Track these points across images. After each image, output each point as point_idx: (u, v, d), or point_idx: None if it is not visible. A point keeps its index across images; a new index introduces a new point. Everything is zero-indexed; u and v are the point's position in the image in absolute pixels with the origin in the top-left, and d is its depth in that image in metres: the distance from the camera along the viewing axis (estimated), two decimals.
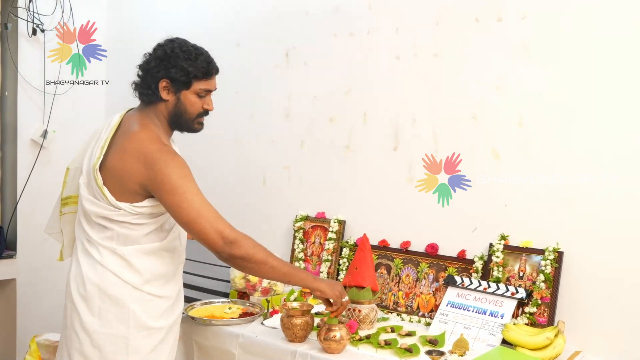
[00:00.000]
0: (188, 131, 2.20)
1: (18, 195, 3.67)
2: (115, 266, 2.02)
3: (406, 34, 2.78)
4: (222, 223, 1.99)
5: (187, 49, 2.07)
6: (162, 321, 2.10)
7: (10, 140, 3.73)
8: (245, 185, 3.38)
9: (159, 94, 2.07)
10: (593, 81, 2.32)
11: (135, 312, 2.03)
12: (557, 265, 2.35)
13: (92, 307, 2.02)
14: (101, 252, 2.03)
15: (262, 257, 2.03)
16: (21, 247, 3.69)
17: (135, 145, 2.01)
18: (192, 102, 2.11)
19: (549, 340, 2.17)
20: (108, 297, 2.02)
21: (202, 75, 2.09)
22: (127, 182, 2.00)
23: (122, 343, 2.01)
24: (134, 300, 2.03)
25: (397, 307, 2.70)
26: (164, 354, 2.12)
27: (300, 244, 3.07)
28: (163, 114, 2.11)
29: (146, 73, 2.08)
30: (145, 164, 1.97)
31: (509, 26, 2.49)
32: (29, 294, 3.72)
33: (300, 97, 3.16)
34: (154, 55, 2.08)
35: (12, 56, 3.64)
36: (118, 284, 2.02)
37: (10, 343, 3.75)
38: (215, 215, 1.99)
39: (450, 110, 2.65)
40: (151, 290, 2.06)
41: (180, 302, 2.22)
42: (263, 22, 3.30)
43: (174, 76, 2.04)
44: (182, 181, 1.96)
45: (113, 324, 2.01)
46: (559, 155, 2.39)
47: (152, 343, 2.07)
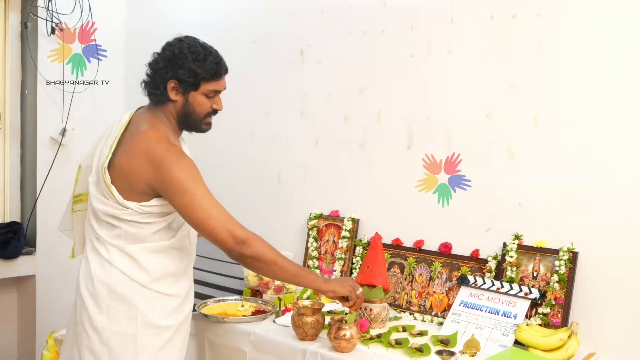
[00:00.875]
0: (196, 131, 2.19)
1: (37, 193, 3.72)
2: (123, 264, 2.03)
3: (420, 31, 2.76)
4: (232, 223, 1.99)
5: (196, 50, 2.05)
6: (171, 320, 2.10)
7: (30, 138, 3.78)
8: (261, 184, 3.38)
9: (167, 94, 2.06)
10: (610, 80, 2.28)
11: (144, 311, 2.03)
12: (572, 266, 2.32)
13: (100, 305, 2.02)
14: (109, 251, 2.04)
15: (271, 257, 2.03)
16: (40, 244, 3.74)
17: (143, 145, 2.00)
18: (201, 103, 2.10)
19: (562, 342, 2.14)
20: (116, 295, 2.02)
21: (211, 77, 2.08)
22: (135, 182, 2.00)
23: (130, 341, 2.01)
24: (142, 299, 2.03)
25: (410, 307, 2.68)
26: (174, 352, 2.12)
27: (314, 242, 3.07)
28: (172, 113, 2.11)
29: (155, 73, 2.08)
30: (152, 164, 1.97)
31: (524, 24, 2.46)
32: (48, 290, 3.77)
33: (314, 95, 3.15)
34: (162, 56, 2.07)
35: (32, 55, 3.69)
36: (126, 282, 2.02)
37: (30, 338, 3.81)
38: (225, 216, 1.99)
39: (464, 108, 2.63)
40: (160, 289, 2.06)
41: (190, 300, 2.21)
42: (279, 20, 3.31)
43: (182, 77, 2.04)
44: (190, 182, 1.96)
45: (121, 322, 2.01)
46: (575, 155, 2.36)
47: (161, 341, 2.06)
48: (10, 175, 3.79)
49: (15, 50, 3.75)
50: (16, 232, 3.65)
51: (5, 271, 3.64)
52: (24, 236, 3.72)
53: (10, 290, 3.86)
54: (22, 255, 3.68)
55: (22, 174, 3.84)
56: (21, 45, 3.76)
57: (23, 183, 3.84)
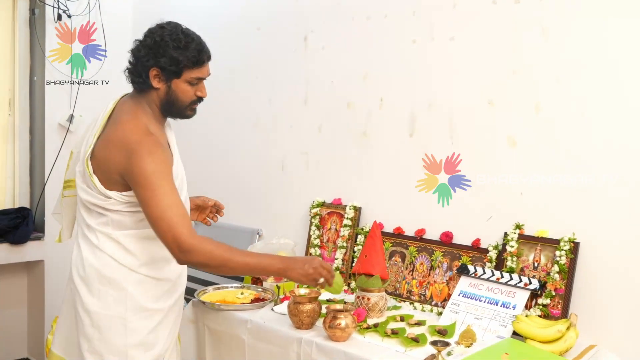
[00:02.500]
0: (180, 117, 2.16)
1: (45, 179, 3.75)
2: (112, 249, 2.04)
3: (423, 17, 2.71)
4: (181, 229, 1.91)
5: (177, 37, 2.01)
6: (161, 303, 2.10)
7: (38, 125, 3.81)
8: (264, 171, 3.38)
9: (150, 82, 2.03)
10: (614, 66, 2.22)
11: (133, 294, 2.03)
12: (573, 256, 2.28)
13: (91, 288, 2.04)
14: (98, 237, 2.05)
15: (219, 261, 1.96)
16: (49, 229, 3.78)
17: (119, 135, 2.00)
18: (184, 91, 2.07)
19: (560, 333, 2.11)
20: (106, 279, 2.03)
21: (193, 65, 2.04)
22: (111, 172, 2.00)
23: (120, 324, 2.02)
24: (130, 283, 2.04)
25: (411, 296, 2.66)
26: (163, 335, 2.12)
27: (317, 230, 3.05)
28: (155, 101, 2.08)
29: (137, 61, 2.04)
30: (125, 153, 1.96)
31: (527, 8, 2.41)
32: (56, 275, 3.80)
33: (318, 82, 3.13)
34: (143, 43, 2.04)
35: (40, 41, 3.71)
36: (115, 267, 2.03)
37: (39, 322, 3.86)
38: (177, 220, 1.91)
39: (466, 95, 2.59)
40: (148, 273, 2.07)
41: (180, 284, 2.20)
42: (282, 6, 3.28)
43: (164, 65, 2.00)
44: (155, 177, 1.92)
45: (111, 305, 2.02)
46: (578, 143, 2.31)
47: (151, 324, 2.07)
48: (20, 162, 3.83)
49: (23, 37, 3.78)
50: (25, 217, 3.70)
51: (15, 256, 3.70)
52: (33, 221, 3.77)
53: (20, 275, 3.91)
54: (30, 240, 3.73)
55: (31, 160, 3.87)
56: (29, 32, 3.78)
57: (32, 169, 3.88)
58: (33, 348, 3.92)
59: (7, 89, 3.77)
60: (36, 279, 3.87)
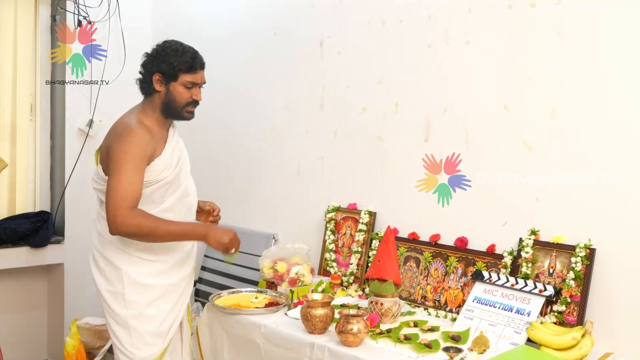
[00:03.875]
0: (179, 119, 2.45)
1: (65, 182, 3.79)
2: (111, 235, 2.30)
3: (438, 21, 2.71)
4: (121, 202, 2.18)
5: (175, 47, 2.37)
6: (158, 280, 2.38)
7: (59, 129, 3.86)
8: (280, 176, 3.39)
9: (153, 86, 2.38)
10: (631, 71, 2.19)
11: (128, 272, 2.34)
12: (589, 263, 2.25)
13: (100, 270, 2.39)
14: (101, 223, 2.36)
15: (146, 231, 2.21)
16: (68, 233, 3.82)
17: (115, 124, 2.38)
18: (180, 93, 2.38)
19: (575, 341, 2.08)
20: (108, 261, 2.37)
21: (187, 69, 2.36)
22: (104, 156, 2.31)
23: (121, 298, 2.35)
24: (125, 263, 2.35)
25: (425, 302, 2.65)
26: (164, 310, 2.39)
27: (332, 235, 3.05)
28: (157, 103, 2.41)
29: (144, 69, 2.42)
30: (112, 137, 2.31)
31: (542, 12, 2.39)
32: (76, 278, 3.85)
33: (334, 87, 3.13)
34: (149, 54, 2.42)
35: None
36: (113, 250, 2.36)
37: (58, 325, 3.90)
38: (122, 195, 2.19)
39: (481, 100, 2.58)
40: (142, 255, 2.35)
41: (182, 268, 2.46)
42: (299, 11, 3.29)
43: (164, 70, 2.35)
44: (124, 156, 2.22)
45: (114, 282, 2.36)
46: (594, 148, 2.28)
47: (148, 298, 2.36)
48: (40, 166, 3.88)
49: (45, 43, 3.83)
50: (45, 221, 3.75)
51: (35, 259, 3.74)
52: (53, 225, 3.82)
53: (40, 277, 3.96)
54: (50, 244, 3.78)
55: (51, 164, 3.93)
56: (50, 38, 3.84)
57: (52, 173, 3.93)
58: (52, 350, 3.96)
59: (28, 94, 3.83)
60: (56, 282, 3.91)
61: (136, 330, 2.34)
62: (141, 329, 2.35)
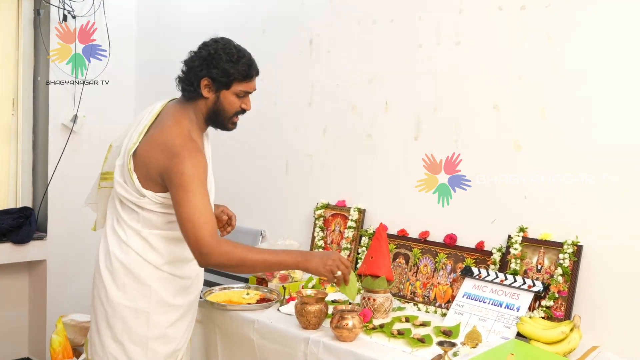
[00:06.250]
0: (222, 128, 2.27)
1: (49, 178, 3.76)
2: (138, 247, 2.15)
3: (429, 22, 2.75)
4: (203, 231, 2.00)
5: (230, 51, 2.14)
6: (180, 299, 2.22)
7: (42, 125, 3.83)
8: (269, 173, 3.40)
9: (200, 91, 2.15)
10: (619, 73, 2.26)
11: (157, 290, 2.16)
12: (576, 259, 2.31)
13: (117, 281, 2.16)
14: (127, 233, 2.16)
15: (236, 262, 2.04)
16: (51, 229, 3.80)
17: (163, 137, 2.11)
18: (231, 102, 2.19)
19: (563, 335, 2.14)
20: (132, 274, 2.15)
21: (242, 78, 2.16)
22: (151, 171, 2.10)
23: (143, 317, 2.15)
24: (155, 279, 2.16)
25: (415, 297, 2.69)
26: (181, 330, 2.25)
27: (321, 232, 3.08)
28: (201, 110, 2.20)
29: (189, 70, 2.16)
30: (167, 155, 2.06)
31: (532, 15, 2.44)
32: (58, 275, 3.83)
33: (323, 85, 3.16)
34: (198, 54, 2.16)
35: (44, 41, 3.72)
36: (141, 263, 2.15)
37: (40, 322, 3.87)
38: (202, 224, 2.00)
39: (471, 99, 2.62)
40: (171, 271, 2.18)
41: (198, 283, 2.33)
42: (288, 9, 3.31)
43: (215, 76, 2.13)
44: (191, 180, 2.02)
45: (137, 299, 2.15)
46: (582, 148, 2.34)
47: (171, 319, 2.20)
48: (23, 161, 3.84)
49: (28, 37, 3.79)
50: (28, 217, 3.71)
51: (17, 256, 3.71)
52: (36, 221, 3.78)
53: (21, 274, 3.92)
54: (33, 240, 3.75)
55: (34, 159, 3.89)
56: (34, 32, 3.80)
57: (35, 169, 3.89)
58: (34, 347, 3.92)
59: (10, 89, 3.79)
60: (38, 278, 3.88)
61: (156, 353, 2.18)
62: (161, 351, 2.19)
